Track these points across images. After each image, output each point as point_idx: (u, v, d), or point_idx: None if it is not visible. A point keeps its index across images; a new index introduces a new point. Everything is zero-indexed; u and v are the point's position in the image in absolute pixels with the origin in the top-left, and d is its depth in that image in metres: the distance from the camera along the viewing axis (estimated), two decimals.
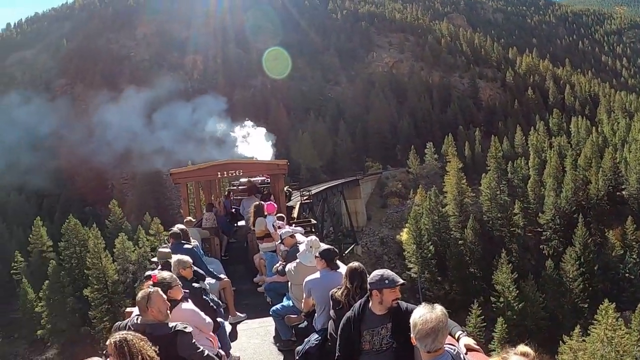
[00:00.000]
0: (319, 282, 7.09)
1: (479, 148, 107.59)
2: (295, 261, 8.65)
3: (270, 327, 9.86)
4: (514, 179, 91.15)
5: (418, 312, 3.91)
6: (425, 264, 68.56)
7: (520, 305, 58.62)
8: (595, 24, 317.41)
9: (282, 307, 9.01)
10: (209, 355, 5.46)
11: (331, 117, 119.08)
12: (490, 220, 78.15)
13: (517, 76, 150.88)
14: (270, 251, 12.61)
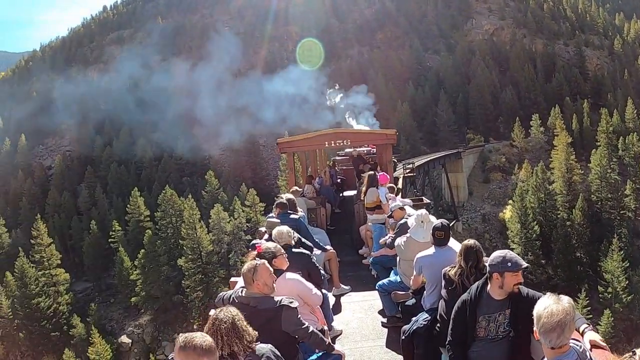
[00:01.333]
0: (431, 259, 6.79)
1: (587, 121, 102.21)
2: (405, 235, 8.37)
3: (374, 301, 9.74)
4: (625, 156, 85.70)
5: (543, 303, 3.53)
6: (529, 245, 65.49)
7: (629, 298, 55.18)
8: None
9: (389, 282, 8.84)
10: (313, 331, 5.33)
11: (430, 87, 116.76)
12: (599, 200, 73.78)
13: (625, 44, 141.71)
14: (380, 223, 12.28)
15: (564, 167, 76.96)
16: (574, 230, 67.85)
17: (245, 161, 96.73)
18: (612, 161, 79.76)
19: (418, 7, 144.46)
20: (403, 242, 8.29)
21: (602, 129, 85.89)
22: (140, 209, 75.44)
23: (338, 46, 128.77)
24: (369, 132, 22.56)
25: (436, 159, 78.99)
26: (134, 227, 74.53)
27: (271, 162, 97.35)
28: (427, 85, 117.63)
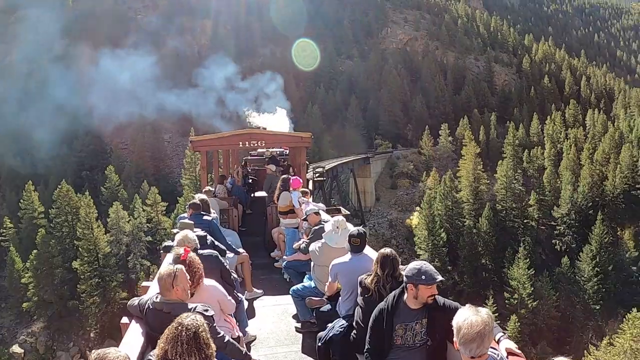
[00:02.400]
0: (346, 266, 6.79)
1: (494, 133, 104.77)
2: (320, 241, 8.27)
3: (287, 306, 9.57)
4: (530, 168, 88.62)
5: (462, 314, 3.57)
6: (436, 251, 65.19)
7: (534, 304, 56.51)
8: (612, 18, 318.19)
9: (303, 287, 8.73)
10: (229, 341, 5.18)
11: (341, 91, 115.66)
12: (504, 210, 75.08)
13: (533, 63, 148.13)
14: (292, 227, 12.37)
15: (471, 176, 77.46)
16: (480, 238, 68.81)
17: (148, 156, 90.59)
18: (517, 172, 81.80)
19: (335, 12, 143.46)
20: (318, 247, 8.25)
21: (509, 142, 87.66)
22: (34, 205, 66.88)
23: (253, 44, 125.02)
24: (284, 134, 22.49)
25: (345, 163, 77.92)
26: (27, 225, 66.26)
27: (175, 159, 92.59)
28: (338, 89, 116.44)
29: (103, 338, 54.02)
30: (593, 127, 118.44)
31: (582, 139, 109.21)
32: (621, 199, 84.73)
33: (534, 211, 76.87)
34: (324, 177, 49.81)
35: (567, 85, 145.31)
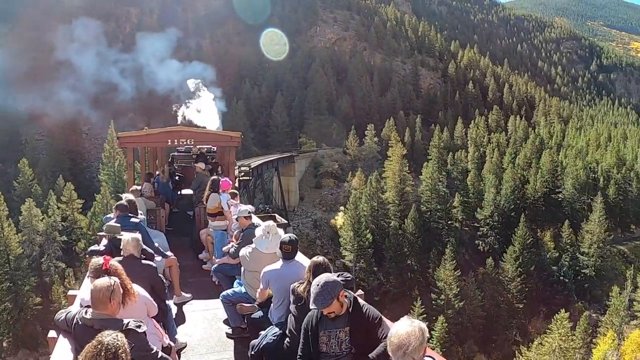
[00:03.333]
0: (278, 273, 6.73)
1: (419, 135, 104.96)
2: (250, 246, 8.08)
3: (217, 311, 9.34)
4: (453, 170, 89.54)
5: (396, 325, 3.62)
6: (361, 252, 64.02)
7: (460, 304, 56.73)
8: (536, 30, 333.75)
9: (233, 292, 8.49)
10: (163, 356, 4.95)
11: (267, 87, 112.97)
12: (429, 211, 74.95)
13: (458, 69, 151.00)
14: (221, 230, 12.14)
15: (397, 177, 77.02)
16: (406, 239, 68.27)
17: (64, 149, 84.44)
18: (442, 174, 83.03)
19: (264, 7, 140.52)
20: (248, 253, 8.03)
21: (434, 144, 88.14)
22: None
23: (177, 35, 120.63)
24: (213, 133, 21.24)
25: (269, 161, 76.07)
26: None
27: (93, 152, 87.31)
28: (264, 86, 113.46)
29: (17, 347, 49.71)
30: (515, 132, 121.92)
31: (504, 143, 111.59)
32: (541, 202, 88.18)
33: (458, 213, 77.52)
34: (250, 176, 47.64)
35: (491, 92, 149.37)
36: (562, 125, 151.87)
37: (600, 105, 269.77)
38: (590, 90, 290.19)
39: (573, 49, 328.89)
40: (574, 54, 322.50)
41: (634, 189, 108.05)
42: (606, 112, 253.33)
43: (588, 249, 78.66)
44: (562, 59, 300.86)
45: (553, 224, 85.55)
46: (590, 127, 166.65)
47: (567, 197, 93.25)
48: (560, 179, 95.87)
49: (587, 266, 77.41)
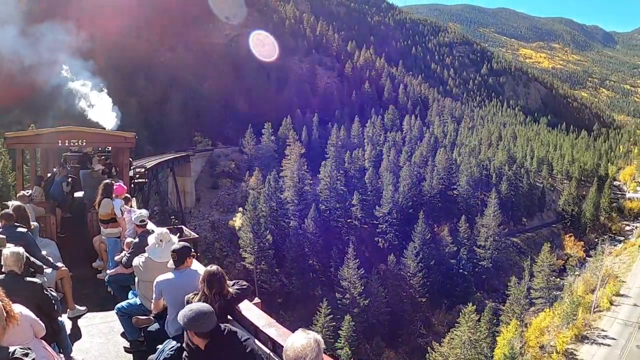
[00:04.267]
0: (171, 283, 6.39)
1: (316, 134, 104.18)
2: (143, 255, 7.62)
3: (114, 323, 8.71)
4: (351, 169, 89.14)
5: (290, 339, 3.55)
6: (262, 254, 62.31)
7: (365, 302, 56.65)
8: (430, 34, 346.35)
9: (128, 304, 7.97)
10: None
11: (162, 83, 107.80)
12: (328, 210, 74.08)
13: (354, 69, 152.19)
14: (115, 237, 11.58)
15: (295, 176, 75.81)
16: (306, 239, 67.15)
17: None
18: (340, 173, 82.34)
19: None
20: (142, 262, 7.63)
21: (332, 142, 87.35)
22: None
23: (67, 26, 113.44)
24: (106, 133, 20.00)
25: (164, 161, 71.61)
26: None
27: None
28: (159, 81, 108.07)
29: None
30: (410, 131, 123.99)
31: (400, 142, 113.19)
32: (438, 198, 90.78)
33: (357, 211, 77.31)
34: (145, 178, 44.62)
35: (386, 92, 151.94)
36: (455, 124, 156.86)
37: (490, 106, 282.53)
38: (480, 92, 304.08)
39: (465, 53, 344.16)
40: (466, 58, 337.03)
41: (524, 184, 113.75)
42: (495, 113, 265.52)
43: (484, 242, 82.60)
44: (455, 62, 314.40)
45: (450, 219, 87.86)
46: (482, 127, 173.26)
47: (462, 193, 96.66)
48: (455, 176, 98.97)
49: (484, 258, 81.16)
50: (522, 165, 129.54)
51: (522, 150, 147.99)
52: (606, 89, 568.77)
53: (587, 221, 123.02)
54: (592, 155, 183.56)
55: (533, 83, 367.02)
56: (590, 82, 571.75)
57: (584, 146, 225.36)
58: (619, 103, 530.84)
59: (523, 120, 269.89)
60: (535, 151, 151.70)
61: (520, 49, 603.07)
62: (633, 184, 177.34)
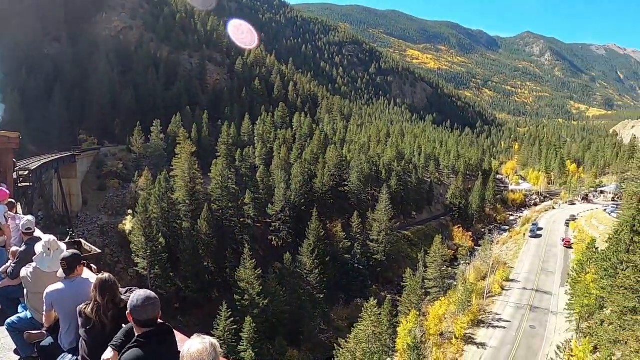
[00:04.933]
0: (62, 293, 6.11)
1: (206, 132, 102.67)
2: (31, 265, 7.37)
3: (6, 339, 8.05)
4: (242, 167, 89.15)
5: (186, 345, 3.63)
6: (155, 258, 59.64)
7: (264, 302, 55.74)
8: (321, 33, 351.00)
9: (18, 319, 7.57)
10: None
11: (45, 77, 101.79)
12: (220, 209, 72.73)
13: (245, 65, 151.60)
14: None
15: (187, 176, 73.35)
16: (200, 240, 65.59)
17: None
18: (231, 171, 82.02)
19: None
20: (30, 273, 7.30)
21: (223, 140, 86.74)
22: None
23: None
24: None
25: (49, 162, 66.77)
26: None
27: None
28: (42, 75, 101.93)
29: None
30: (300, 128, 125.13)
31: (290, 139, 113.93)
32: (330, 195, 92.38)
33: (250, 210, 77.02)
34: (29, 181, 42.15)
35: (276, 89, 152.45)
36: (344, 122, 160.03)
37: (377, 104, 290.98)
38: (369, 90, 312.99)
39: (355, 52, 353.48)
40: (355, 57, 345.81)
41: (413, 179, 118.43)
42: (383, 111, 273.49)
43: (377, 236, 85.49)
44: (344, 61, 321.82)
45: (342, 215, 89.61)
46: (370, 124, 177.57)
47: (353, 189, 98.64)
48: (345, 173, 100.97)
49: (378, 252, 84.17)
50: (411, 161, 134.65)
51: (410, 147, 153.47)
52: (489, 89, 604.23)
53: (474, 213, 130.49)
54: (476, 151, 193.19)
55: (419, 83, 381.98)
56: (473, 83, 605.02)
57: (469, 142, 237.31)
58: (500, 103, 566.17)
59: (410, 118, 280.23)
60: (423, 147, 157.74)
61: (408, 50, 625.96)
62: (515, 178, 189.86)
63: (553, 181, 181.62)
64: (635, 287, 36.62)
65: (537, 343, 54.63)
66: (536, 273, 77.49)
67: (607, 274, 47.87)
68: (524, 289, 70.93)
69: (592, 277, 51.51)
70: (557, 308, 64.14)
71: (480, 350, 52.28)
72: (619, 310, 38.31)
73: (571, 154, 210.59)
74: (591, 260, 55.42)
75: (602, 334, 42.04)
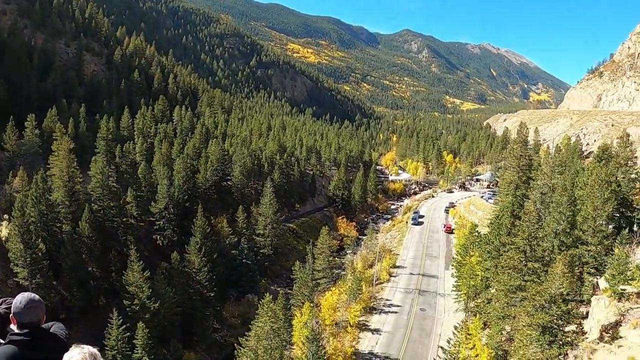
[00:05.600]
0: None
1: (83, 127, 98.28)
2: None
3: None
4: (122, 164, 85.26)
5: (66, 355, 3.66)
6: (35, 266, 54.51)
7: (156, 305, 53.32)
8: (202, 24, 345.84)
9: None
10: None
11: None
12: (102, 209, 68.61)
13: (124, 56, 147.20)
14: None
15: (65, 175, 67.69)
16: (83, 244, 60.85)
17: None
18: (111, 168, 78.77)
19: None
20: None
21: (102, 136, 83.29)
22: None
23: None
24: None
25: None
26: None
27: None
28: None
29: None
30: (181, 122, 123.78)
31: (171, 134, 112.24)
32: (213, 190, 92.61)
33: (133, 208, 74.66)
34: None
35: (156, 81, 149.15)
36: (225, 115, 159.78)
37: (258, 97, 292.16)
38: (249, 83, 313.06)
39: (235, 45, 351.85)
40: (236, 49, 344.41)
41: (296, 172, 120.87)
42: (263, 104, 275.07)
43: (263, 230, 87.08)
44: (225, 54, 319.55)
45: (226, 210, 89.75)
46: (251, 117, 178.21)
47: (236, 183, 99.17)
48: (228, 167, 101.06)
49: (265, 246, 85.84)
50: (293, 154, 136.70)
51: (292, 140, 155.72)
52: (367, 83, 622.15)
53: (357, 203, 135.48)
54: (356, 143, 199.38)
55: (300, 76, 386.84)
56: (353, 77, 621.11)
57: (349, 135, 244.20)
58: (378, 96, 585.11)
59: (290, 111, 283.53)
60: (304, 140, 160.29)
61: (289, 44, 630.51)
62: (395, 168, 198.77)
63: (431, 171, 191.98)
64: (519, 266, 41.48)
65: (428, 324, 58.83)
66: (421, 258, 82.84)
67: (490, 255, 53.21)
68: (411, 274, 75.81)
69: (476, 260, 56.52)
70: (444, 290, 69.54)
71: (376, 336, 55.36)
72: (505, 289, 42.60)
73: (447, 145, 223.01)
74: (474, 244, 60.73)
75: (490, 311, 46.71)
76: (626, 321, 32.33)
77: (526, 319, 34.70)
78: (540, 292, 33.76)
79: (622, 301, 34.01)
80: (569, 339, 33.12)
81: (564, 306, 32.81)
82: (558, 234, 46.31)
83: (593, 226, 43.12)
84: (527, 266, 40.92)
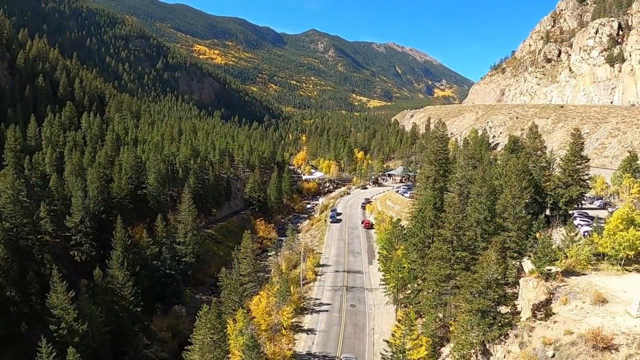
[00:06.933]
0: None
1: None
2: None
3: None
4: (32, 176, 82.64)
5: None
6: None
7: (84, 327, 49.43)
8: (106, 26, 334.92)
9: None
10: None
11: None
12: (14, 227, 63.05)
13: (27, 60, 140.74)
14: None
15: None
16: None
17: None
18: (21, 182, 72.60)
19: None
20: None
21: (10, 146, 79.76)
22: None
23: None
24: None
25: None
26: None
27: None
28: None
29: None
30: (90, 129, 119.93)
31: (81, 142, 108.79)
32: (129, 199, 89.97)
33: (47, 224, 70.71)
34: None
35: (62, 86, 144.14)
36: (134, 120, 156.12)
37: (165, 100, 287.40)
38: (156, 87, 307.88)
39: (141, 47, 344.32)
40: (142, 52, 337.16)
41: (210, 176, 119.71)
42: (171, 107, 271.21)
43: (183, 238, 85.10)
44: (131, 57, 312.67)
45: (143, 220, 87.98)
46: (161, 122, 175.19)
47: (151, 191, 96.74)
48: (143, 174, 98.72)
49: (186, 254, 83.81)
50: (206, 158, 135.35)
51: (204, 144, 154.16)
52: (274, 84, 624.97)
53: (273, 204, 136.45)
54: (267, 144, 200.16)
55: (207, 78, 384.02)
56: (260, 78, 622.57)
57: (259, 136, 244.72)
58: (286, 96, 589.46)
59: (198, 114, 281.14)
60: (217, 143, 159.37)
61: (195, 45, 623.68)
62: (307, 167, 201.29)
63: (343, 168, 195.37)
64: (448, 256, 43.86)
65: (361, 319, 60.48)
66: (344, 255, 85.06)
67: (416, 248, 55.66)
68: (337, 271, 78.07)
69: (401, 253, 58.89)
70: (370, 285, 71.89)
71: (311, 336, 56.48)
72: (435, 279, 44.56)
73: (358, 142, 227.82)
74: (399, 238, 62.59)
75: (423, 301, 48.64)
76: (555, 298, 34.89)
77: (465, 305, 36.68)
78: (476, 279, 35.77)
79: (549, 281, 36.54)
80: (507, 320, 35.29)
81: (500, 290, 35.01)
82: (480, 222, 49.40)
83: (513, 213, 46.91)
84: (455, 255, 43.33)
